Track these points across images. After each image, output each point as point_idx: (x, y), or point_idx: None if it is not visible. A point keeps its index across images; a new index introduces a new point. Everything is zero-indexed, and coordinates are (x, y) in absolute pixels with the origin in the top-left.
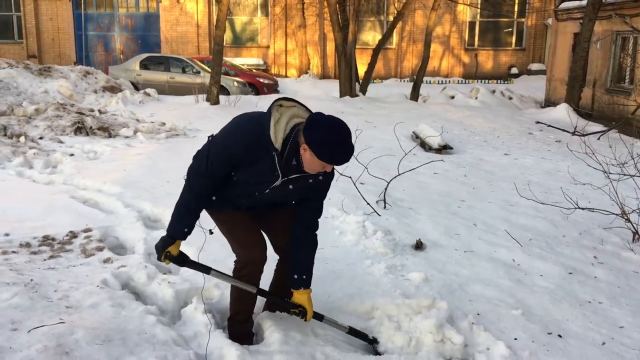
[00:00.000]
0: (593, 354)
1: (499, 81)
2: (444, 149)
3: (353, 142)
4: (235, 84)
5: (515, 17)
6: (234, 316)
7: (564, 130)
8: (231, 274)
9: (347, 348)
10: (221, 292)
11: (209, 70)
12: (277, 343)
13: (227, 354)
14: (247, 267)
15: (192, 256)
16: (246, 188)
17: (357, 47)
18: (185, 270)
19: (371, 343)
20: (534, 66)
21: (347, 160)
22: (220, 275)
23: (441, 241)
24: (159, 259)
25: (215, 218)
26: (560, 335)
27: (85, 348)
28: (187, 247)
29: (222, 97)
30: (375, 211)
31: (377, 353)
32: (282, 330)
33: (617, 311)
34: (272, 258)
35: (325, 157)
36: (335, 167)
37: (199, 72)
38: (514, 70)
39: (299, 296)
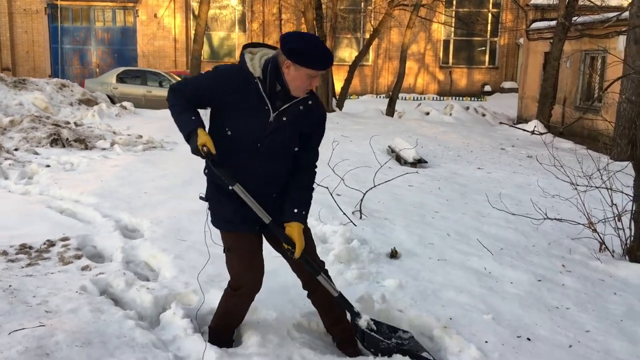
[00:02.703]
0: (560, 356)
1: (472, 98)
2: (419, 162)
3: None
4: None
5: (488, 36)
6: (215, 328)
7: (524, 130)
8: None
9: (323, 351)
10: (199, 297)
11: None
12: (255, 346)
13: (207, 357)
14: (237, 294)
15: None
16: (245, 141)
17: (334, 63)
18: (163, 277)
19: (354, 316)
20: (507, 84)
21: (329, 61)
22: (243, 193)
23: (416, 250)
24: (198, 153)
25: (222, 235)
26: (529, 339)
27: (66, 350)
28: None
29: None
30: (352, 221)
31: (356, 326)
32: (260, 333)
33: (584, 316)
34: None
35: (309, 61)
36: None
37: None
38: (487, 88)
39: (292, 229)
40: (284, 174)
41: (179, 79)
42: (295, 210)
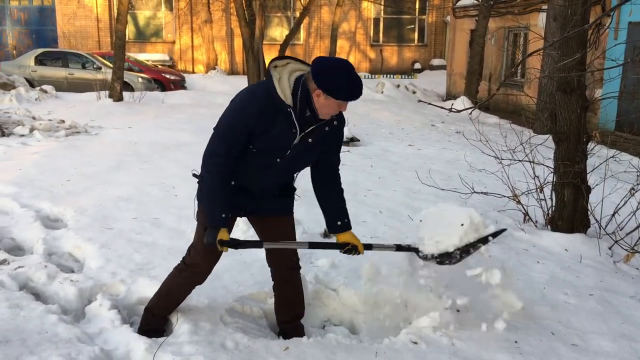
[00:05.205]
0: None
1: (403, 76)
2: (352, 141)
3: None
4: (140, 80)
5: (416, 14)
6: (152, 308)
7: (441, 108)
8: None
9: (256, 334)
10: (127, 287)
11: (111, 65)
12: (187, 334)
13: (135, 348)
14: (189, 271)
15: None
16: (267, 157)
17: (264, 42)
18: (89, 268)
19: (417, 252)
20: (436, 61)
21: (360, 94)
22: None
23: None
24: (212, 247)
25: (201, 211)
26: (458, 310)
27: None
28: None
29: (126, 94)
30: None
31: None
32: (191, 321)
33: None
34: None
35: (340, 95)
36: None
37: (100, 68)
38: (417, 66)
39: (344, 237)
40: (296, 175)
41: (103, 60)
42: (339, 223)
